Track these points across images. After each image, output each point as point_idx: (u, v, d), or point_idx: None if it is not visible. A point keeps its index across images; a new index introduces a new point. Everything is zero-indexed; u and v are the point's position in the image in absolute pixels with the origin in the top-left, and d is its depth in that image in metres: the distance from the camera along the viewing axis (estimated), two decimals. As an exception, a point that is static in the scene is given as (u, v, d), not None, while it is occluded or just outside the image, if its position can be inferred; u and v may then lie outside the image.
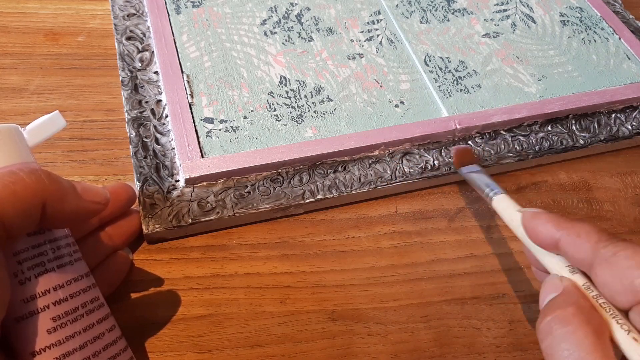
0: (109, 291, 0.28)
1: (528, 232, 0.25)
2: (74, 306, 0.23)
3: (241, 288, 0.31)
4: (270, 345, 0.29)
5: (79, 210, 0.23)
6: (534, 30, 0.47)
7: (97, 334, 0.24)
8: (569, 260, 0.24)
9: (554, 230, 0.24)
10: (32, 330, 0.22)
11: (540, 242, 0.25)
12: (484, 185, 0.31)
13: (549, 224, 0.24)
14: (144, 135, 0.35)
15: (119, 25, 0.41)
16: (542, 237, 0.24)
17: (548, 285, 0.23)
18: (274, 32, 0.43)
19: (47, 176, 0.22)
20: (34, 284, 0.22)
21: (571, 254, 0.23)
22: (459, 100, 0.40)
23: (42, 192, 0.21)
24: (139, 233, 0.31)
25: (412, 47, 0.43)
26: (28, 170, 0.21)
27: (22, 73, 0.39)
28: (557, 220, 0.24)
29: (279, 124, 0.37)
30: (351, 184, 0.35)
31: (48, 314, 0.22)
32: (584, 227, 0.23)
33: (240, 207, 0.33)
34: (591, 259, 0.22)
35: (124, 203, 0.30)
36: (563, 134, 0.40)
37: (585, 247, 0.22)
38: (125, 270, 0.30)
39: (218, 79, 0.39)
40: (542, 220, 0.25)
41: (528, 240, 0.25)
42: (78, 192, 0.23)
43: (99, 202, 0.24)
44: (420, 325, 0.31)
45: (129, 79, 0.38)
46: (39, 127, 0.26)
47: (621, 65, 0.45)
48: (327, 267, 0.33)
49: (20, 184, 0.21)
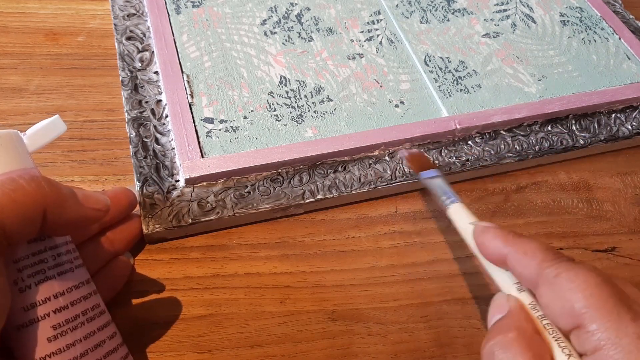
0: (109, 296, 0.28)
1: (478, 246, 0.25)
2: (75, 314, 0.23)
3: (241, 288, 0.31)
4: (270, 345, 0.29)
5: (79, 217, 0.23)
6: (534, 30, 0.47)
7: (97, 342, 0.23)
8: (516, 278, 0.23)
9: (501, 246, 0.23)
10: (33, 339, 0.22)
11: (489, 258, 0.24)
12: (442, 192, 0.30)
13: (497, 240, 0.24)
14: (144, 135, 0.35)
15: (119, 25, 0.41)
16: (491, 252, 0.24)
17: (494, 306, 0.23)
18: (274, 32, 0.43)
19: (47, 183, 0.22)
20: (34, 292, 0.22)
21: (518, 271, 0.23)
22: (459, 100, 0.40)
23: (43, 199, 0.21)
24: (140, 237, 0.31)
25: (412, 47, 0.43)
26: (28, 177, 0.21)
27: (22, 73, 0.39)
28: (506, 236, 0.24)
29: (279, 124, 0.37)
30: (351, 184, 0.35)
31: (48, 322, 0.22)
32: (531, 245, 0.23)
33: (240, 207, 0.33)
34: (536, 278, 0.22)
35: (124, 208, 0.30)
36: (563, 134, 0.40)
37: (530, 266, 0.22)
38: (126, 275, 0.30)
39: (218, 79, 0.39)
40: (491, 235, 0.24)
41: (479, 254, 0.25)
42: (78, 199, 0.23)
43: (99, 209, 0.24)
44: (420, 325, 0.31)
45: (129, 79, 0.38)
46: (40, 131, 0.26)
47: (621, 65, 0.45)
48: (327, 267, 0.33)
49: (20, 192, 0.21)
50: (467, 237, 0.26)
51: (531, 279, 0.22)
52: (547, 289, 0.21)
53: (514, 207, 0.37)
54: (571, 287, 0.20)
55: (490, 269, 0.25)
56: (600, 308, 0.19)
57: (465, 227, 0.27)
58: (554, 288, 0.21)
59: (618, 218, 0.38)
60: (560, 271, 0.21)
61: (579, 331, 0.20)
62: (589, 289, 0.20)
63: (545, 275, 0.21)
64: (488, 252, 0.24)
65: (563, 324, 0.20)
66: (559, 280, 0.21)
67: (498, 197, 0.38)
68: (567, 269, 0.21)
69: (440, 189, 0.31)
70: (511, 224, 0.36)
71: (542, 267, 0.21)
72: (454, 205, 0.29)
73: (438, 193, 0.31)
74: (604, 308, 0.19)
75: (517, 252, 0.23)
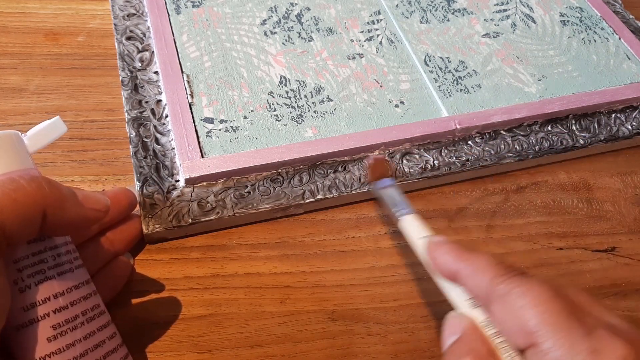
0: (110, 296, 0.28)
1: (430, 261, 0.25)
2: (74, 314, 0.23)
3: (241, 288, 0.31)
4: (270, 345, 0.29)
5: (79, 218, 0.23)
6: (534, 30, 0.47)
7: (97, 342, 0.23)
8: (469, 294, 0.23)
9: (453, 262, 0.23)
10: (33, 339, 0.22)
11: (441, 273, 0.24)
12: (393, 203, 0.29)
13: (448, 256, 0.24)
14: (144, 135, 0.35)
15: (119, 25, 0.41)
16: (442, 268, 0.24)
17: (448, 326, 0.23)
18: (274, 32, 0.43)
19: (47, 183, 0.22)
20: (34, 292, 0.22)
21: (469, 288, 0.22)
22: (459, 100, 0.40)
23: (43, 200, 0.21)
24: (140, 237, 0.31)
25: (412, 47, 0.43)
26: (29, 177, 0.21)
27: (22, 73, 0.39)
28: (457, 251, 0.23)
29: (279, 124, 0.37)
30: (351, 183, 0.35)
31: (48, 322, 0.22)
32: (481, 261, 0.22)
33: (240, 207, 0.33)
34: (488, 295, 0.21)
35: (124, 208, 0.30)
36: (563, 134, 0.40)
37: (482, 282, 0.22)
38: (126, 276, 0.30)
39: (218, 79, 0.39)
40: (442, 250, 0.24)
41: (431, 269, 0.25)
42: (79, 200, 0.23)
43: (99, 210, 0.24)
44: (420, 325, 0.31)
45: (129, 79, 0.38)
46: (40, 132, 0.26)
47: (621, 65, 0.45)
48: (327, 267, 0.33)
49: (20, 192, 0.21)
50: (419, 250, 0.26)
51: (483, 296, 0.22)
52: (500, 306, 0.21)
53: (514, 207, 0.37)
54: (523, 303, 0.20)
55: (443, 285, 0.24)
56: (552, 324, 0.19)
57: (416, 240, 0.26)
58: (506, 305, 0.20)
59: (618, 218, 0.38)
60: (512, 287, 0.21)
61: (534, 349, 0.19)
62: (541, 304, 0.20)
63: (497, 292, 0.21)
64: (440, 268, 0.24)
65: (518, 342, 0.20)
66: (510, 297, 0.20)
67: (498, 197, 0.38)
68: (518, 285, 0.21)
69: (391, 199, 0.30)
70: (511, 224, 0.36)
71: (494, 284, 0.21)
72: (405, 217, 0.28)
73: (389, 204, 0.30)
74: (556, 324, 0.19)
75: (468, 268, 0.22)
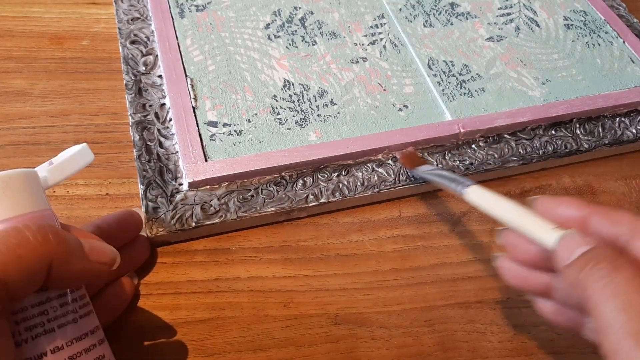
0: (113, 316, 0.28)
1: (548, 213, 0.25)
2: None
3: (244, 292, 0.31)
4: (273, 349, 0.29)
5: (85, 272, 0.22)
6: (537, 33, 0.47)
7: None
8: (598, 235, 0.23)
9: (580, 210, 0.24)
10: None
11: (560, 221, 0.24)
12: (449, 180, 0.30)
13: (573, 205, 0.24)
14: (147, 139, 0.35)
15: (123, 29, 0.41)
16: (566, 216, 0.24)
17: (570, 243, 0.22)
18: (278, 36, 0.43)
19: (54, 235, 0.21)
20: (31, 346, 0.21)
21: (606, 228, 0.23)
22: (462, 103, 0.40)
23: (48, 255, 0.20)
24: (147, 259, 0.31)
25: (416, 50, 0.43)
26: (35, 228, 0.21)
27: (27, 77, 0.39)
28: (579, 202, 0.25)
29: (283, 128, 0.37)
30: (355, 187, 0.35)
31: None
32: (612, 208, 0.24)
33: (243, 211, 0.33)
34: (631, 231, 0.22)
35: (131, 232, 0.30)
36: (567, 138, 0.40)
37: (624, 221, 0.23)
38: (131, 295, 0.29)
39: (222, 83, 0.39)
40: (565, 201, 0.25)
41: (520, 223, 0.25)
42: (85, 253, 0.22)
43: (105, 263, 0.23)
44: (423, 330, 0.31)
45: (133, 83, 0.38)
46: (66, 161, 0.25)
47: (625, 68, 0.45)
48: (330, 271, 0.33)
49: (25, 247, 0.20)
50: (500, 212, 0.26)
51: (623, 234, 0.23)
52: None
53: (518, 211, 0.37)
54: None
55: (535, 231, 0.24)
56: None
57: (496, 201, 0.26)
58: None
59: (623, 222, 0.38)
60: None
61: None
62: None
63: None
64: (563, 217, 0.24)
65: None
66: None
67: (502, 201, 0.37)
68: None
69: (444, 179, 0.30)
70: (515, 228, 0.36)
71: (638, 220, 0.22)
72: (469, 189, 0.28)
73: (445, 183, 0.30)
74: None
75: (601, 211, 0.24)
